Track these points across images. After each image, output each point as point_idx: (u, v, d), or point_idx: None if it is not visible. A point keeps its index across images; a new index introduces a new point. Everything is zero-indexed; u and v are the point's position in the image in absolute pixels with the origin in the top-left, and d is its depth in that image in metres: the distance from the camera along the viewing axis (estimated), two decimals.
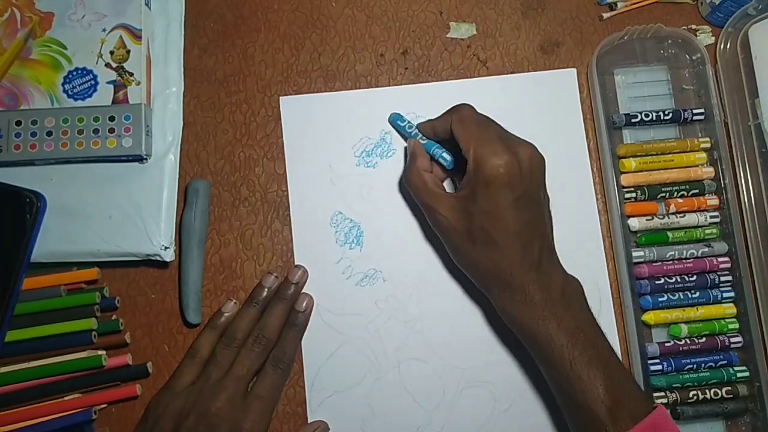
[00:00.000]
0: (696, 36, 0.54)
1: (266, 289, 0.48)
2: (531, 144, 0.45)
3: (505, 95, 0.53)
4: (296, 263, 0.50)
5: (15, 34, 0.49)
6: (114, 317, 0.49)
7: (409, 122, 0.51)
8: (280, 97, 0.52)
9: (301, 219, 0.51)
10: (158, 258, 0.48)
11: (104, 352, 0.47)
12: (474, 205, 0.43)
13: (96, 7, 0.49)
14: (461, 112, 0.46)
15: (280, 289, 0.49)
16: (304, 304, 0.48)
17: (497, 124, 0.46)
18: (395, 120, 0.52)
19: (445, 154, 0.47)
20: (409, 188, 0.48)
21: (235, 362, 0.46)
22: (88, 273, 0.48)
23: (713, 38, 0.54)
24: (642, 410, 0.40)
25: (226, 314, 0.48)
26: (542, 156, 0.45)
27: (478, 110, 0.51)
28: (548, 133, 0.52)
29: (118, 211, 0.48)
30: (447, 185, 0.51)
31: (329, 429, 0.48)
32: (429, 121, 0.50)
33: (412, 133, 0.50)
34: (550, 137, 0.52)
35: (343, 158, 0.52)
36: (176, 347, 0.50)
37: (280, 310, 0.48)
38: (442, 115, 0.48)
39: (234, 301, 0.49)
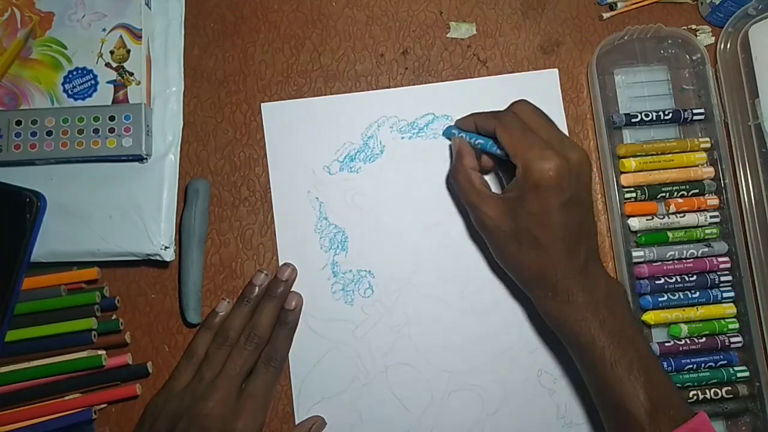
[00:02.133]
0: (696, 36, 0.54)
1: (257, 287, 0.49)
2: (580, 147, 0.44)
3: (494, 96, 0.52)
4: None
5: (15, 33, 0.49)
6: (114, 317, 0.49)
7: (453, 126, 0.51)
8: (262, 104, 0.52)
9: (285, 225, 0.51)
10: (158, 258, 0.48)
11: (104, 352, 0.47)
12: (521, 208, 0.43)
13: (96, 7, 0.49)
14: (505, 119, 0.45)
15: (270, 287, 0.49)
16: (293, 303, 0.48)
17: (548, 124, 0.45)
18: (447, 133, 0.51)
19: (497, 150, 0.46)
20: (455, 186, 0.48)
21: (228, 361, 0.46)
22: (88, 273, 0.48)
23: (713, 38, 0.54)
24: (681, 416, 0.40)
25: (220, 314, 0.48)
26: (590, 160, 0.44)
27: (474, 108, 0.52)
28: None
29: (118, 211, 0.48)
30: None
31: (326, 424, 0.48)
32: (470, 115, 0.49)
33: (453, 131, 0.50)
34: None
35: (326, 164, 0.52)
36: (176, 347, 0.50)
37: (271, 308, 0.48)
38: (486, 115, 0.48)
39: (227, 300, 0.49)
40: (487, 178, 0.50)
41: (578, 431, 0.49)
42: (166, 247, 0.48)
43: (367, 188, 0.52)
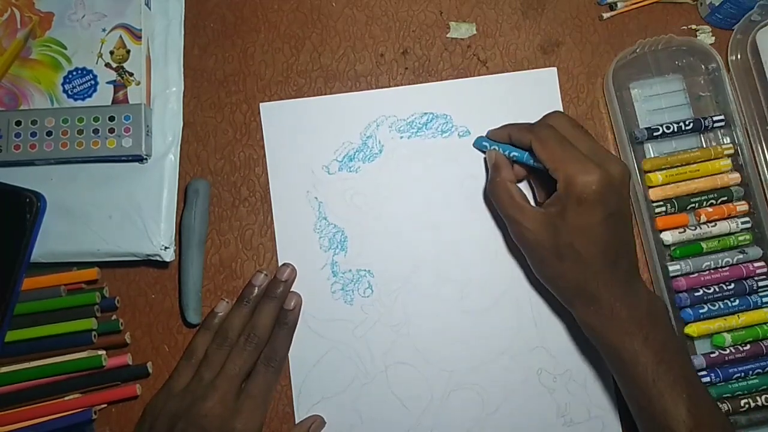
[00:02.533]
0: (696, 36, 0.54)
1: (257, 288, 0.48)
2: (620, 160, 0.44)
3: (492, 95, 0.53)
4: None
5: (15, 34, 0.49)
6: (114, 317, 0.49)
7: (484, 137, 0.51)
8: (261, 104, 0.52)
9: (284, 225, 0.51)
10: (158, 258, 0.48)
11: (104, 352, 0.47)
12: (563, 222, 0.43)
13: (96, 7, 0.49)
14: (541, 133, 0.45)
15: (269, 287, 0.49)
16: (293, 303, 0.48)
17: (585, 136, 0.45)
18: (478, 144, 0.51)
19: (533, 162, 0.46)
20: (494, 200, 0.48)
21: (227, 362, 0.46)
22: (88, 273, 0.48)
23: (713, 38, 0.54)
24: None
25: (219, 314, 0.48)
26: (630, 173, 0.44)
27: (472, 107, 0.51)
28: None
29: (118, 211, 0.48)
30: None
31: (325, 423, 0.48)
32: (503, 127, 0.49)
33: (484, 143, 0.50)
34: None
35: (325, 163, 0.52)
36: (176, 347, 0.50)
37: (271, 308, 0.48)
38: (520, 129, 0.47)
39: (227, 300, 0.49)
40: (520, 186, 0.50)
41: (578, 430, 0.49)
42: (166, 248, 0.48)
43: (366, 188, 0.52)
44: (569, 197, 0.42)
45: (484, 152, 0.51)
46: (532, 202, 0.49)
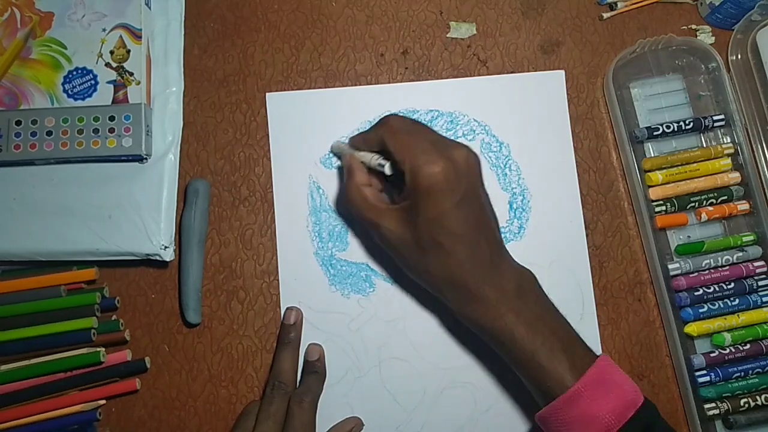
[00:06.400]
0: (696, 36, 0.54)
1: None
2: (464, 145, 0.44)
3: (499, 94, 0.53)
4: (280, 271, 0.50)
5: (15, 33, 0.49)
6: (114, 317, 0.49)
7: (340, 144, 0.50)
8: (267, 94, 0.52)
9: (285, 216, 0.51)
10: (158, 258, 0.48)
11: (103, 349, 0.47)
12: (418, 215, 0.43)
13: (96, 7, 0.49)
14: (390, 123, 0.45)
15: (281, 334, 0.49)
16: (317, 355, 0.49)
17: (429, 129, 0.45)
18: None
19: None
20: (349, 205, 0.47)
21: (259, 413, 0.45)
22: (85, 273, 0.48)
23: (713, 38, 0.54)
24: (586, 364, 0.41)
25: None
26: (476, 155, 0.44)
27: (478, 107, 0.51)
28: (536, 133, 0.52)
29: (118, 211, 0.48)
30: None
31: (364, 425, 0.49)
32: (360, 134, 0.49)
33: (335, 152, 0.50)
34: (539, 137, 0.52)
35: (328, 156, 0.52)
36: (176, 347, 0.50)
37: (288, 353, 0.48)
38: (373, 127, 0.47)
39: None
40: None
41: None
42: (165, 247, 0.48)
43: None
44: (417, 189, 0.42)
45: (339, 158, 0.51)
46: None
